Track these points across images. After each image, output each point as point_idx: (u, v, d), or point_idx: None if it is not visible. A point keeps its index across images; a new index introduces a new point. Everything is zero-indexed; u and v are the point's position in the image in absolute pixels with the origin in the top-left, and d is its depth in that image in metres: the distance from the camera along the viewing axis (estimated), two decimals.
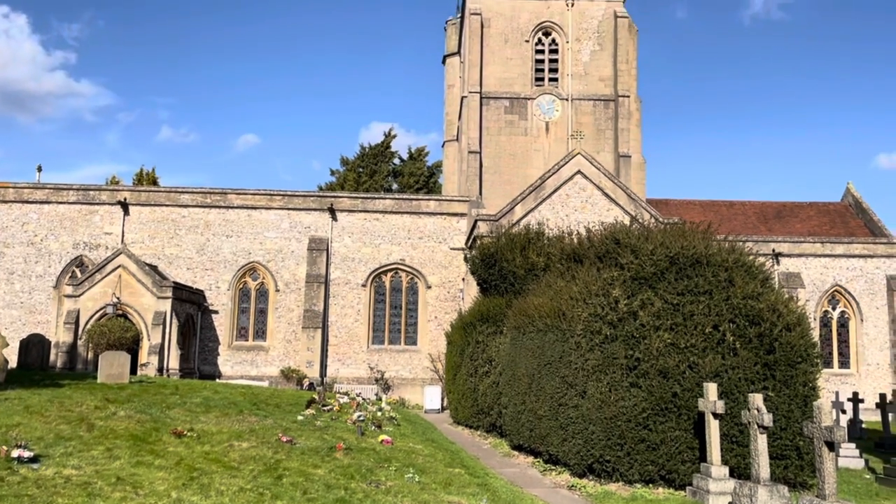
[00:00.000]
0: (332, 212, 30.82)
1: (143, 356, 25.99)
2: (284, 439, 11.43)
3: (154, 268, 28.75)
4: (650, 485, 11.76)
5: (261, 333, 30.57)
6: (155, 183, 47.78)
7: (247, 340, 30.49)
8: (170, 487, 8.44)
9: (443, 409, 26.69)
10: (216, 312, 30.07)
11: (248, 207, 30.82)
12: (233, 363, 29.91)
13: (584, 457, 12.29)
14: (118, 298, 26.40)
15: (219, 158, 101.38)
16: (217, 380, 27.50)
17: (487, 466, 13.52)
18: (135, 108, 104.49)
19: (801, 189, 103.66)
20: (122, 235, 30.27)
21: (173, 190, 31.26)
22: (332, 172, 54.81)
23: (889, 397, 17.10)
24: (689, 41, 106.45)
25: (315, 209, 30.95)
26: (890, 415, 18.81)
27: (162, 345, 26.15)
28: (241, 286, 30.65)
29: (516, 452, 15.56)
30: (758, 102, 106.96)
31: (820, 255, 31.16)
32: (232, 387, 19.34)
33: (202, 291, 29.83)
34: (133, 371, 22.14)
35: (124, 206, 30.47)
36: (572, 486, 12.04)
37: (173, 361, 26.42)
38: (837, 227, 33.65)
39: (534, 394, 14.38)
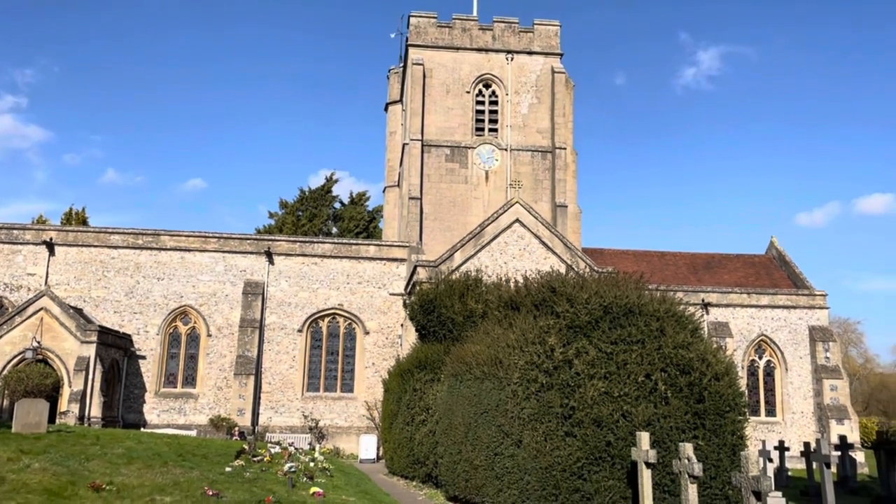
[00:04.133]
0: (270, 255, 30.35)
1: (64, 404, 24.70)
2: (210, 493, 10.96)
3: (79, 311, 27.59)
4: None
5: (190, 380, 29.53)
6: (84, 223, 46.18)
7: (175, 387, 29.38)
8: None
9: (379, 458, 26.16)
10: (143, 358, 28.95)
11: (181, 249, 30.05)
12: (160, 411, 28.72)
13: None
14: (39, 342, 25.14)
15: (164, 202, 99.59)
16: (142, 429, 26.34)
17: None
18: (81, 149, 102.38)
19: (729, 242, 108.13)
20: (47, 276, 29.04)
21: (103, 230, 30.27)
22: (271, 215, 54.15)
23: (813, 446, 17.61)
24: (625, 104, 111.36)
25: (251, 252, 30.43)
26: (814, 463, 19.34)
27: (84, 392, 24.92)
28: (171, 330, 29.66)
29: None
30: (687, 162, 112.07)
31: (747, 306, 32.28)
32: (157, 436, 18.54)
33: (129, 336, 28.73)
34: (52, 420, 21.01)
35: (50, 246, 29.31)
36: None
37: (95, 409, 25.19)
38: (763, 279, 35.01)
39: (470, 443, 14.24)
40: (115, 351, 27.49)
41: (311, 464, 16.48)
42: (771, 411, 31.96)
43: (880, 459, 17.01)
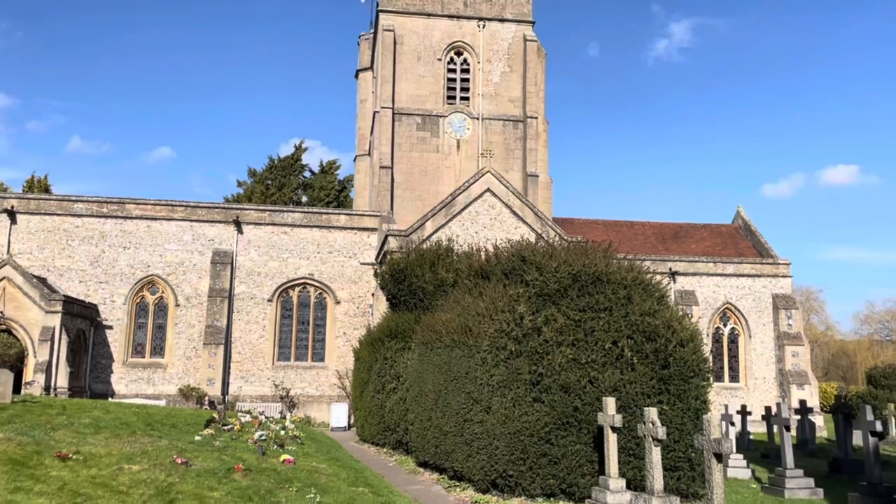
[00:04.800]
0: (238, 224, 30.00)
1: (29, 374, 24.37)
2: (179, 461, 10.93)
3: (43, 280, 27.10)
4: (551, 499, 11.94)
5: (159, 350, 29.28)
6: (47, 191, 45.16)
7: (143, 357, 29.12)
8: None
9: (349, 426, 26.32)
10: (110, 328, 28.59)
11: (147, 218, 29.56)
12: (128, 381, 28.48)
13: (487, 472, 12.36)
14: (1, 312, 24.69)
15: (131, 171, 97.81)
16: (110, 399, 26.14)
17: (392, 484, 13.38)
18: (46, 116, 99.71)
19: (697, 212, 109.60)
20: (8, 245, 28.40)
21: (66, 198, 29.60)
22: (240, 184, 53.45)
23: (774, 410, 18.11)
24: (598, 75, 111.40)
25: (220, 221, 30.04)
26: (774, 427, 19.90)
27: (49, 362, 24.59)
28: (138, 300, 29.29)
29: (422, 469, 15.48)
30: (658, 133, 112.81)
31: (713, 275, 32.84)
32: (125, 406, 18.40)
33: (95, 306, 28.32)
34: (17, 390, 20.73)
35: (11, 214, 28.61)
36: (476, 501, 12.08)
37: (62, 379, 24.89)
38: (729, 248, 35.58)
39: (440, 410, 14.38)
40: (81, 321, 27.10)
41: (282, 432, 16.51)
42: (734, 377, 32.73)
43: (838, 423, 17.55)
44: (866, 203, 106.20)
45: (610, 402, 11.41)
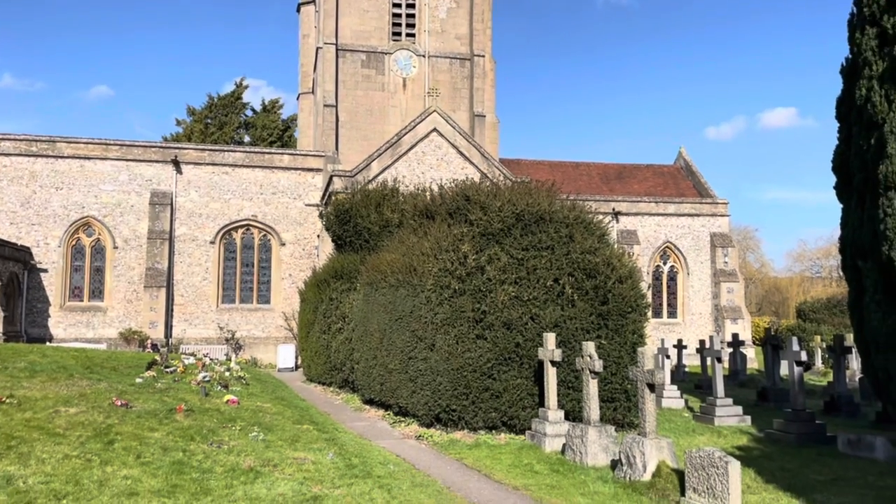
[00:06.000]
0: (177, 164, 29.08)
1: None
2: (119, 403, 10.80)
3: None
4: (493, 431, 12.29)
5: (97, 293, 28.56)
6: None
7: (82, 301, 28.38)
8: None
9: (297, 367, 26.38)
10: (45, 271, 27.69)
11: (80, 157, 28.38)
12: (66, 325, 27.79)
13: (431, 407, 12.60)
14: None
15: (67, 109, 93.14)
16: (48, 343, 25.48)
17: (337, 421, 13.54)
18: None
19: (642, 154, 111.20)
20: None
21: None
22: (179, 122, 51.62)
23: (707, 343, 18.86)
24: (547, 15, 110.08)
25: (158, 161, 29.05)
26: (707, 359, 20.75)
27: None
28: (73, 243, 28.36)
29: (368, 406, 15.70)
30: (605, 75, 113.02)
31: (654, 214, 33.54)
32: (63, 350, 17.98)
33: (28, 248, 27.32)
34: None
35: None
36: (420, 436, 12.34)
37: None
38: (670, 188, 36.29)
39: (385, 348, 14.51)
40: (14, 264, 26.15)
41: (227, 373, 16.44)
42: (672, 313, 33.87)
43: (767, 354, 18.38)
44: (803, 145, 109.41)
45: (550, 338, 11.67)
